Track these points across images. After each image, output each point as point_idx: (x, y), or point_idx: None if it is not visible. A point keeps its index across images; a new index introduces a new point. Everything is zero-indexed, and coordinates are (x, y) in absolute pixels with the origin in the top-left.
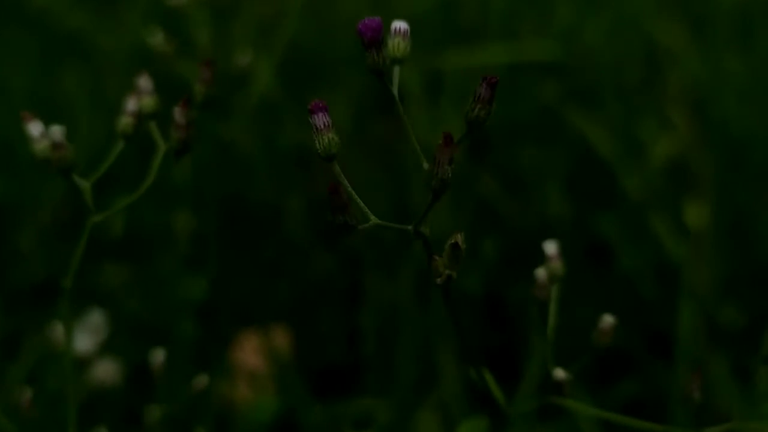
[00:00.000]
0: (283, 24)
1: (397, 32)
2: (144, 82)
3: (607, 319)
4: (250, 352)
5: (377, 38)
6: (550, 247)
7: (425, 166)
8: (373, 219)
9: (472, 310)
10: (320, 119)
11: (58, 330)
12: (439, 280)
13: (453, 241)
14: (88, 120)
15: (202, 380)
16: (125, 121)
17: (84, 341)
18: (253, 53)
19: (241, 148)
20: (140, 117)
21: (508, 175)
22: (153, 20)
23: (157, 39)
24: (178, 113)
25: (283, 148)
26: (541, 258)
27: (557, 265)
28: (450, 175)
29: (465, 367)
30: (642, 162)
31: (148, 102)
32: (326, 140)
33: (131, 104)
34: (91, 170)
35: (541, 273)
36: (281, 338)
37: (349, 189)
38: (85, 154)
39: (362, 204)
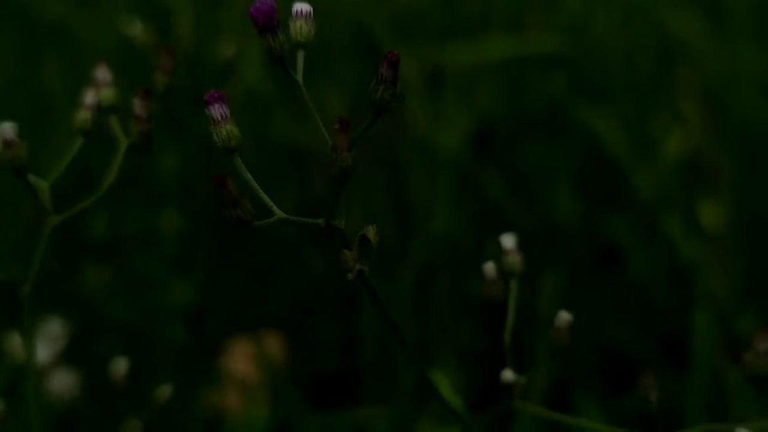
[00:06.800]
0: None
1: (299, 14)
2: (102, 73)
3: (563, 316)
4: (241, 360)
5: (271, 23)
6: (508, 241)
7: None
8: (278, 213)
9: (475, 312)
10: (217, 110)
11: (16, 339)
12: (350, 276)
13: (362, 233)
14: (69, 113)
15: (165, 391)
16: (83, 116)
17: (41, 351)
18: (240, 43)
19: None
20: (100, 110)
21: (514, 173)
22: (135, 10)
23: (136, 30)
24: (138, 105)
25: (273, 144)
26: (549, 261)
27: (515, 260)
28: (350, 162)
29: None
30: (654, 159)
31: (108, 94)
32: (224, 132)
33: (90, 97)
34: (72, 166)
35: (489, 268)
36: (274, 344)
37: (252, 182)
38: (65, 148)
39: (266, 198)
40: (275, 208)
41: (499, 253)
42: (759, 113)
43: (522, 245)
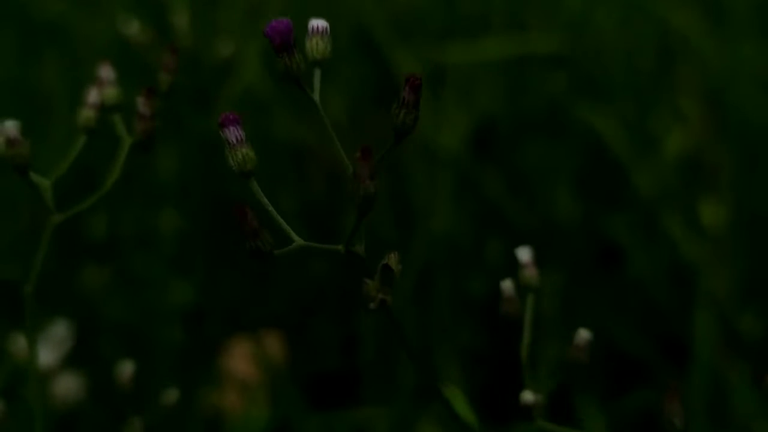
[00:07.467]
0: (269, 10)
1: (316, 31)
2: (106, 72)
3: (583, 335)
4: (240, 360)
5: (288, 42)
6: (524, 254)
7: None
8: (297, 240)
9: (476, 314)
10: (232, 133)
11: (20, 341)
12: (372, 305)
13: (384, 263)
14: (68, 112)
15: (172, 394)
16: (86, 115)
17: (46, 354)
18: (239, 42)
19: None
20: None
21: (514, 172)
22: (133, 9)
23: (133, 28)
24: (141, 103)
25: (273, 144)
26: (548, 261)
27: (532, 274)
28: (373, 190)
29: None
30: (655, 158)
31: (111, 93)
32: (240, 156)
33: (92, 96)
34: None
35: (507, 285)
36: (274, 344)
37: (270, 209)
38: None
39: (285, 224)
40: (294, 236)
41: (498, 254)
42: (759, 112)
43: (522, 246)
